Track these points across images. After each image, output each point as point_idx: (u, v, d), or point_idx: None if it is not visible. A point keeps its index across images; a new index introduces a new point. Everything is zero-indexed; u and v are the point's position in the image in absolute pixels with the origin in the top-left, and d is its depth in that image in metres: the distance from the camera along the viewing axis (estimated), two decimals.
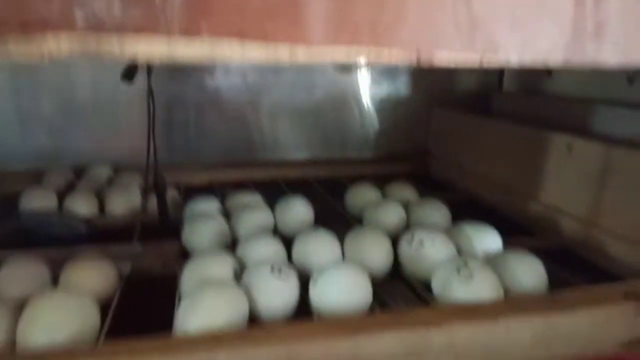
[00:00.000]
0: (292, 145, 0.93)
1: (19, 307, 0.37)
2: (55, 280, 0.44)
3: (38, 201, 0.64)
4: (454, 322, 0.37)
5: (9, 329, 0.36)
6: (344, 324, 0.36)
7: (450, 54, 0.28)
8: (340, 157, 0.95)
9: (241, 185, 0.78)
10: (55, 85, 0.81)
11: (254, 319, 0.41)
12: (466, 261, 0.44)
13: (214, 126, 0.89)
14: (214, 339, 0.34)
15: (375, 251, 0.49)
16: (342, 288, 0.41)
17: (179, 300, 0.43)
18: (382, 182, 0.73)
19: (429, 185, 0.83)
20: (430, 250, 0.49)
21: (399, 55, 0.27)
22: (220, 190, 0.74)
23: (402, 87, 0.96)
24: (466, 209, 0.69)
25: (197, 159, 0.89)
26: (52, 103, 0.82)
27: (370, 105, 0.95)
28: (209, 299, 0.38)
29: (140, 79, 0.79)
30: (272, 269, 0.42)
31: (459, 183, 0.84)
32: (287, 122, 0.92)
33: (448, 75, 0.99)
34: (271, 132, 0.91)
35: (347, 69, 0.93)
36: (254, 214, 0.59)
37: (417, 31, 0.27)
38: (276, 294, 0.41)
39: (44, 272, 0.44)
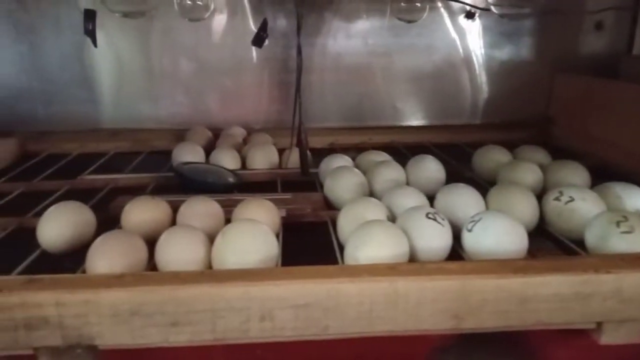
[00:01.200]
0: (409, 109, 0.94)
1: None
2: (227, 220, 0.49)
3: (188, 155, 0.70)
4: (622, 268, 0.37)
5: (205, 253, 0.41)
6: (514, 265, 0.37)
7: None
8: (457, 122, 0.95)
9: (361, 149, 0.81)
10: (191, 47, 0.88)
11: (411, 259, 0.43)
12: (626, 215, 0.43)
13: (332, 89, 0.92)
14: (392, 269, 0.37)
15: (522, 206, 0.50)
16: (500, 236, 0.42)
17: (337, 238, 0.47)
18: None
19: (553, 152, 0.81)
20: (581, 206, 0.48)
21: None
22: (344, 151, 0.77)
23: (524, 51, 0.94)
24: (600, 174, 0.67)
25: (314, 121, 0.92)
26: (188, 65, 0.88)
27: (489, 69, 0.94)
28: (377, 234, 0.41)
29: (267, 45, 0.84)
30: (428, 213, 0.45)
31: (586, 150, 0.81)
32: (405, 86, 0.93)
33: (572, 38, 0.95)
34: (389, 97, 0.93)
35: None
36: (388, 169, 0.61)
37: None
38: (433, 236, 0.43)
39: (218, 210, 0.49)
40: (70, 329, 0.33)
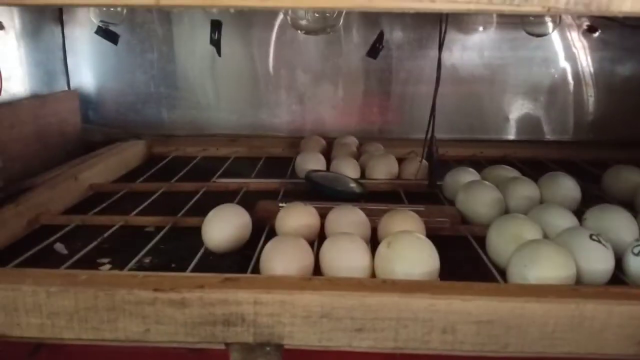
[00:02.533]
0: (521, 123, 0.92)
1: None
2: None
3: (311, 163, 0.72)
4: None
5: (369, 261, 0.42)
6: None
7: None
8: (570, 138, 0.92)
9: (473, 162, 0.81)
10: (307, 58, 0.90)
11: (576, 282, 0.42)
12: None
13: (445, 101, 0.91)
14: (575, 290, 0.36)
15: None
16: None
17: (486, 254, 0.48)
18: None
19: None
20: None
21: None
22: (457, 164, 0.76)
23: None
24: None
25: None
26: (302, 75, 0.91)
27: (608, 85, 0.91)
28: (547, 254, 0.40)
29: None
30: (592, 235, 0.43)
31: None
32: (518, 100, 0.91)
33: None
34: (501, 110, 0.92)
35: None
36: (522, 185, 0.60)
37: None
38: (597, 259, 0.42)
39: (365, 218, 0.50)
40: (263, 327, 0.35)
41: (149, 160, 0.83)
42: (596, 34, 0.88)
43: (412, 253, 0.41)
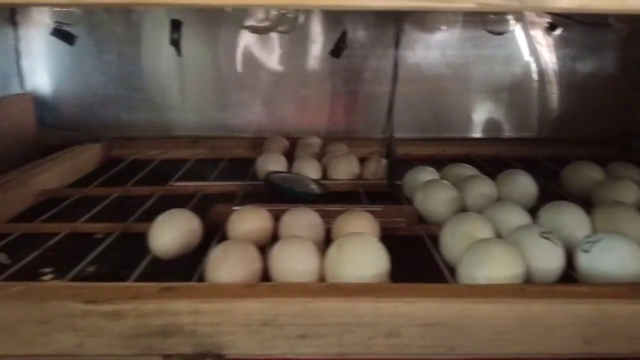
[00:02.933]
0: (484, 121, 0.93)
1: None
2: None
3: (272, 164, 0.71)
4: None
5: (319, 264, 0.41)
6: None
7: None
8: (533, 135, 0.93)
9: (435, 160, 0.80)
10: (268, 58, 0.89)
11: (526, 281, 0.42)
12: None
13: (407, 100, 0.91)
14: (522, 290, 0.36)
15: (635, 228, 0.48)
16: (624, 259, 0.40)
17: (439, 253, 0.47)
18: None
19: None
20: None
21: None
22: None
23: (607, 64, 0.91)
24: None
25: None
26: (266, 75, 0.90)
27: (569, 83, 0.91)
28: (497, 253, 0.40)
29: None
30: (543, 233, 0.43)
31: None
32: (481, 98, 0.91)
33: None
34: (464, 108, 0.92)
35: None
36: (480, 184, 0.60)
37: None
38: (548, 257, 0.42)
39: (319, 220, 0.49)
40: (202, 337, 0.34)
41: (106, 163, 0.81)
42: (557, 32, 0.89)
43: (361, 255, 0.40)
